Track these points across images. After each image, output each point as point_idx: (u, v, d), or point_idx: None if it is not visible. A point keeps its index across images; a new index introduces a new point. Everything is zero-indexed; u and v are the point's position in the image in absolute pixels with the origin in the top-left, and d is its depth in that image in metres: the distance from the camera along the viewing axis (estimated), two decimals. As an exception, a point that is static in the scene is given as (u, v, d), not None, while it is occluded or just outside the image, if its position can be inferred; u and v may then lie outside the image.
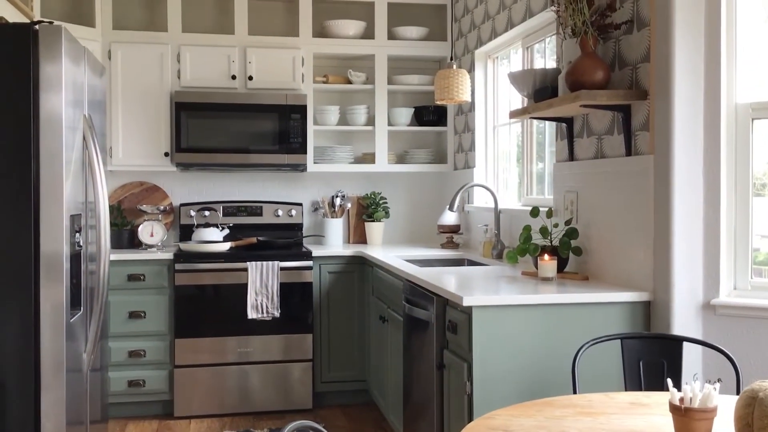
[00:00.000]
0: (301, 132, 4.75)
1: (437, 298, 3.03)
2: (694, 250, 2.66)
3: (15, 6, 3.61)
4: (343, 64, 5.22)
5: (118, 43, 4.69)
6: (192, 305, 4.42)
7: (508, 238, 4.12)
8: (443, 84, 4.07)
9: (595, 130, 3.17)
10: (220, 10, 5.04)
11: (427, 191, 5.41)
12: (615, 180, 2.99)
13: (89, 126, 2.96)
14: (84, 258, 2.97)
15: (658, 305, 2.73)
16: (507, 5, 4.12)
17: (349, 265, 4.68)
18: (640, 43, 2.83)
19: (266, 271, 4.44)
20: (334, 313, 4.66)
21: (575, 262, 3.31)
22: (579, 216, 3.28)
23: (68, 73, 2.70)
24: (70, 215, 2.72)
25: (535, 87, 3.31)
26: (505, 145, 4.55)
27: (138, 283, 4.41)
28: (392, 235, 5.35)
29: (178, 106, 4.64)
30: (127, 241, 4.75)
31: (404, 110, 5.10)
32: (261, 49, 4.82)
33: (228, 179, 5.14)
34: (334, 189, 5.26)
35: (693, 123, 2.65)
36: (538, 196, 4.06)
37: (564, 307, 2.74)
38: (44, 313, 2.65)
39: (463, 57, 4.91)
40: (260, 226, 5.05)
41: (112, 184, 4.95)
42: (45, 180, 2.64)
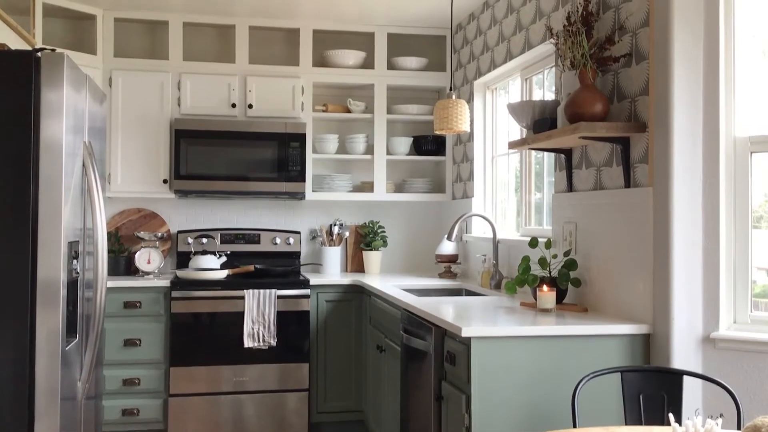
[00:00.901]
0: (300, 160, 4.76)
1: (435, 328, 3.01)
2: (693, 283, 2.65)
3: (17, 33, 3.63)
4: (343, 93, 5.25)
5: (119, 70, 4.72)
6: (188, 333, 4.39)
7: (506, 268, 4.11)
8: (442, 114, 4.09)
9: (594, 161, 3.18)
10: (221, 38, 5.08)
11: (426, 220, 5.41)
12: (614, 212, 2.99)
13: (89, 152, 2.96)
14: (81, 285, 2.96)
15: (657, 338, 2.71)
16: (506, 37, 4.16)
17: (346, 294, 4.66)
18: (638, 76, 2.85)
19: (263, 299, 4.42)
20: (331, 343, 4.63)
21: (574, 293, 3.30)
22: (578, 247, 3.28)
23: (69, 100, 2.70)
24: (68, 242, 2.71)
25: (534, 118, 3.33)
26: (504, 176, 4.56)
27: (134, 310, 4.38)
28: (390, 264, 5.34)
29: (178, 134, 4.65)
30: (124, 267, 4.73)
31: (403, 139, 5.12)
32: (261, 77, 4.85)
33: (226, 207, 5.13)
34: (332, 217, 5.26)
35: (692, 156, 2.66)
36: (536, 226, 4.06)
37: (563, 339, 2.72)
38: (40, 340, 2.63)
39: (462, 87, 4.95)
40: (258, 253, 5.04)
41: (111, 210, 4.94)
42: (44, 206, 2.63)
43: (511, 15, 4.10)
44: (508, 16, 4.14)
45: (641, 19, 2.83)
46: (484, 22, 4.53)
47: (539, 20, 3.73)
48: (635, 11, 2.87)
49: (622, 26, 2.96)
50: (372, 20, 4.95)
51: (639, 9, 2.85)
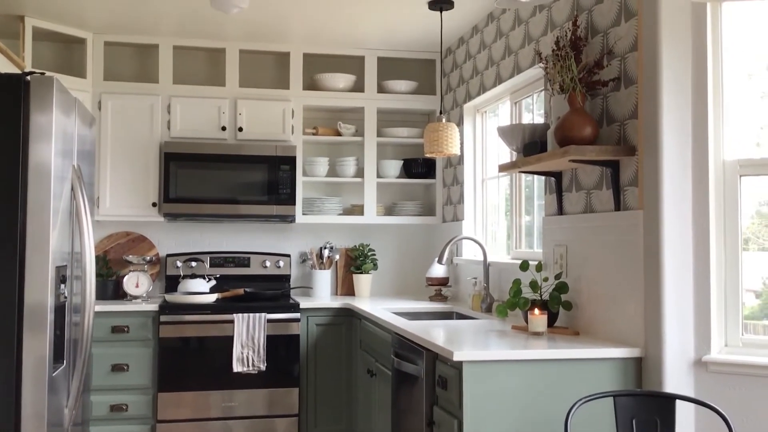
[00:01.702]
0: (290, 183, 4.76)
1: (427, 352, 3.00)
2: (684, 306, 2.65)
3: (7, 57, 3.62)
4: (333, 116, 5.26)
5: (109, 93, 4.71)
6: (176, 358, 4.35)
7: (497, 291, 4.10)
8: (432, 137, 4.10)
9: (584, 184, 3.19)
10: (212, 62, 5.08)
11: (416, 243, 5.40)
12: (604, 234, 3.00)
13: (78, 176, 2.94)
14: (68, 309, 2.93)
15: (649, 361, 2.71)
16: (495, 61, 4.18)
17: (337, 318, 4.64)
18: (627, 100, 2.87)
19: (253, 323, 4.39)
20: (321, 367, 4.60)
21: (565, 316, 3.29)
22: (569, 270, 3.27)
23: (58, 123, 2.70)
24: (55, 266, 2.68)
25: (524, 141, 3.34)
26: (494, 198, 4.57)
27: (122, 335, 4.34)
28: (380, 287, 5.32)
29: (168, 157, 4.64)
30: (112, 291, 4.69)
31: (393, 162, 5.13)
32: (251, 100, 4.85)
33: (216, 230, 5.11)
34: (322, 240, 5.25)
35: (681, 179, 2.67)
36: (527, 249, 4.06)
37: (555, 363, 2.71)
38: (26, 366, 2.60)
39: (451, 110, 4.96)
40: (248, 277, 5.01)
41: (99, 233, 4.91)
42: (31, 230, 2.61)
43: (500, 39, 4.13)
44: (497, 41, 4.17)
45: (630, 43, 2.86)
46: (473, 46, 4.56)
47: (528, 45, 3.76)
48: (623, 36, 2.90)
49: (611, 51, 2.98)
50: (362, 44, 4.97)
51: (627, 33, 2.87)
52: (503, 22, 4.09)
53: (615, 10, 2.96)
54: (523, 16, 3.83)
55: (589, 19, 3.17)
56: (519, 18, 3.89)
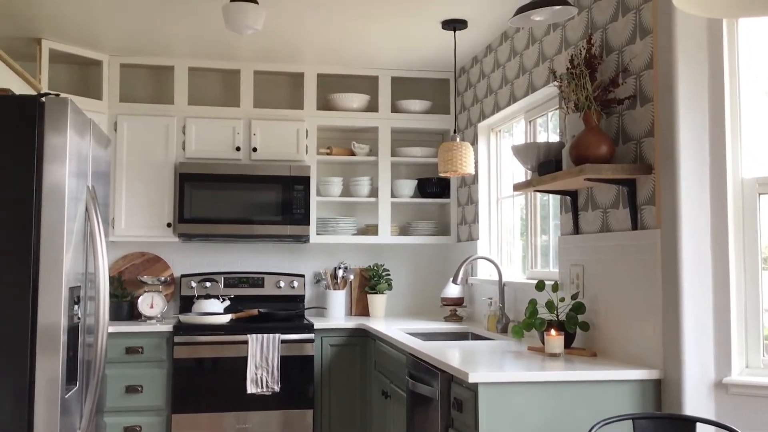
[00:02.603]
0: (304, 203, 4.75)
1: (441, 373, 2.96)
2: (704, 327, 2.60)
3: (23, 79, 3.65)
4: (347, 136, 5.26)
5: (125, 115, 4.74)
6: (190, 379, 4.33)
7: (512, 311, 4.06)
8: (446, 156, 4.08)
9: (600, 203, 3.16)
10: (226, 83, 5.11)
11: (431, 263, 5.37)
12: (621, 254, 2.96)
13: (92, 197, 2.95)
14: (82, 330, 2.92)
15: (669, 383, 2.66)
16: (509, 80, 4.17)
17: (351, 338, 4.61)
18: (643, 118, 2.84)
19: (267, 343, 4.37)
20: (335, 388, 4.56)
21: (582, 337, 3.24)
22: (585, 290, 3.23)
23: (73, 144, 2.70)
24: (69, 287, 2.68)
25: (539, 160, 3.32)
26: (509, 218, 4.54)
27: (136, 356, 4.33)
28: (395, 308, 5.29)
29: (182, 177, 4.65)
30: (127, 312, 4.69)
31: (407, 182, 5.11)
32: (266, 121, 4.87)
33: (230, 250, 5.11)
34: (336, 260, 5.23)
35: (699, 198, 2.63)
36: (542, 269, 4.02)
37: (573, 385, 2.66)
38: (39, 387, 2.59)
39: (466, 130, 4.95)
40: (262, 297, 5.00)
41: (114, 254, 4.92)
42: (45, 251, 2.61)
43: (514, 58, 4.12)
44: (511, 60, 4.16)
45: (645, 61, 2.83)
46: (487, 66, 4.55)
47: (542, 63, 3.74)
48: (639, 53, 2.88)
49: (626, 69, 2.96)
50: (376, 64, 4.98)
51: (642, 51, 2.85)
52: (517, 40, 4.08)
53: (630, 28, 2.95)
54: (537, 34, 3.82)
55: (603, 37, 3.16)
56: (533, 37, 3.88)
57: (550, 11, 3.00)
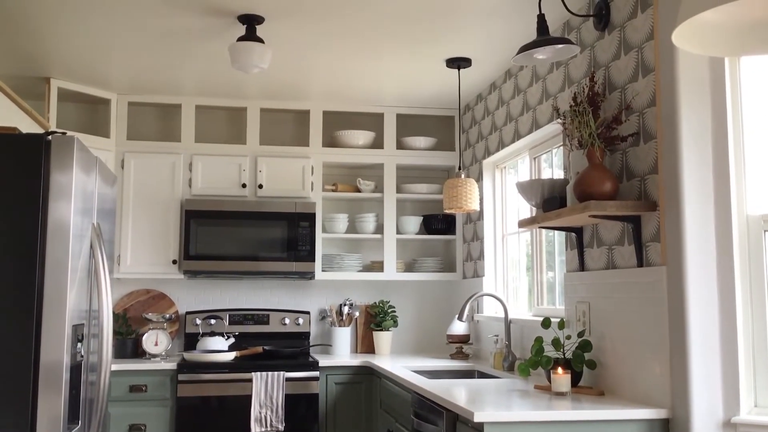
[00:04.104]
0: (309, 240, 4.75)
1: (447, 412, 2.93)
2: (711, 365, 2.57)
3: (31, 117, 3.69)
4: (352, 172, 5.28)
5: (132, 152, 4.78)
6: (194, 418, 4.29)
7: (519, 349, 4.02)
8: (451, 193, 4.09)
9: (605, 240, 3.15)
10: (233, 120, 5.15)
11: (436, 300, 5.35)
12: (627, 291, 2.94)
13: (97, 234, 2.96)
14: (85, 368, 2.90)
15: (677, 423, 2.62)
16: (513, 117, 4.19)
17: (356, 376, 4.57)
18: (647, 155, 2.84)
19: (271, 382, 4.34)
20: (340, 427, 4.51)
21: (589, 375, 3.21)
22: (592, 328, 3.21)
23: (78, 182, 2.72)
24: (72, 324, 2.67)
25: (543, 197, 3.32)
26: (515, 254, 4.52)
27: (140, 394, 4.30)
28: (401, 345, 5.25)
29: (188, 214, 4.67)
30: (131, 350, 4.67)
31: (413, 218, 5.11)
32: (272, 158, 4.90)
33: (235, 287, 5.10)
34: (342, 297, 5.21)
35: (704, 235, 2.62)
36: (549, 306, 3.99)
37: (580, 425, 2.63)
38: (41, 426, 2.56)
39: (471, 166, 4.97)
40: (267, 334, 4.98)
41: (119, 291, 4.92)
42: (49, 288, 2.61)
43: (517, 96, 4.14)
44: (515, 97, 4.19)
45: (648, 98, 2.85)
46: (491, 103, 4.58)
47: (546, 101, 3.76)
48: (641, 91, 2.89)
49: (629, 106, 2.97)
50: (381, 101, 5.02)
51: (645, 89, 2.87)
52: (521, 78, 4.11)
53: (632, 65, 2.96)
54: (541, 72, 3.85)
55: (606, 75, 3.17)
56: (536, 74, 3.90)
57: (553, 50, 3.02)
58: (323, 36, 3.77)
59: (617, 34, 3.09)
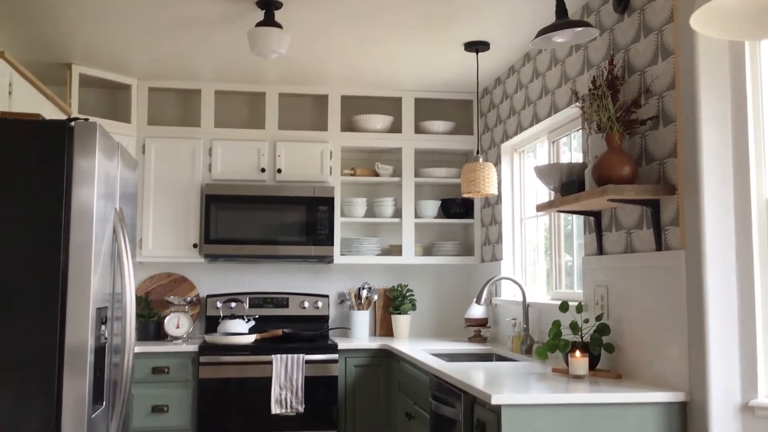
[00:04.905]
0: (328, 224, 4.78)
1: (465, 395, 2.95)
2: (729, 348, 2.57)
3: (54, 103, 3.74)
4: (371, 157, 5.30)
5: (153, 137, 4.82)
6: (215, 399, 4.36)
7: (537, 332, 4.04)
8: (469, 177, 4.10)
9: (624, 224, 3.14)
10: (252, 105, 5.18)
11: (455, 284, 5.36)
12: (646, 275, 2.94)
13: (120, 219, 3.00)
14: (108, 350, 2.96)
15: (694, 406, 2.63)
16: (532, 101, 4.18)
17: (375, 359, 4.61)
18: (666, 139, 2.83)
19: (291, 364, 4.39)
20: (359, 409, 4.56)
21: (607, 359, 3.22)
22: (610, 311, 3.21)
23: (101, 167, 2.76)
24: (96, 307, 2.72)
25: (561, 181, 3.31)
26: (533, 238, 4.53)
27: (162, 375, 4.37)
28: (419, 328, 5.28)
29: (208, 199, 4.71)
30: (153, 332, 4.74)
31: (431, 202, 5.13)
32: (290, 142, 4.92)
33: (255, 270, 5.15)
34: (360, 281, 5.24)
35: (723, 218, 2.61)
36: (567, 289, 4.00)
37: (597, 408, 2.64)
38: (66, 407, 2.62)
39: (489, 150, 4.96)
40: (286, 317, 5.02)
41: (141, 275, 4.99)
42: (73, 272, 2.65)
43: (536, 79, 4.13)
44: (533, 80, 4.17)
45: (667, 81, 2.83)
46: (510, 87, 4.57)
47: (565, 84, 3.75)
48: (661, 74, 2.88)
49: (648, 89, 2.96)
50: (399, 86, 5.02)
51: (665, 72, 2.85)
52: (539, 62, 4.10)
53: (652, 49, 2.95)
54: (560, 55, 3.83)
55: (625, 58, 3.16)
56: (555, 58, 3.89)
57: (572, 33, 3.01)
58: (341, 20, 3.77)
59: (637, 16, 3.07)
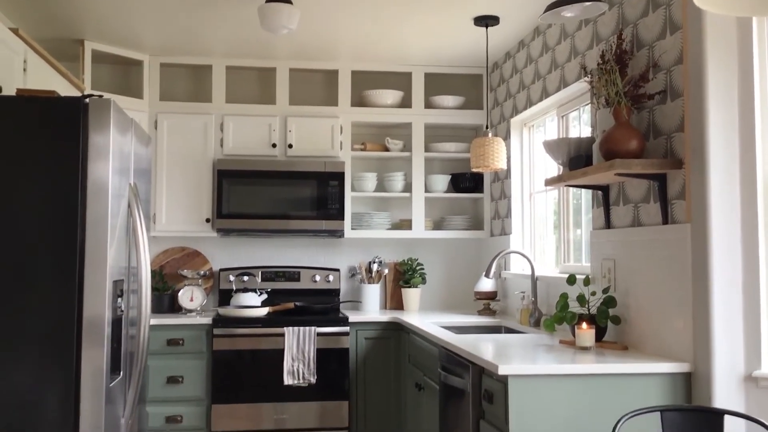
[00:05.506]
0: (338, 198, 4.83)
1: (473, 366, 3.01)
2: (734, 320, 2.61)
3: (68, 80, 3.78)
4: (381, 132, 5.32)
5: (165, 113, 4.87)
6: (229, 370, 4.44)
7: (545, 305, 4.09)
8: (478, 152, 4.12)
9: (632, 198, 3.17)
10: (263, 81, 5.21)
11: (464, 258, 5.41)
12: (652, 248, 2.98)
13: (134, 193, 3.06)
14: (125, 322, 3.03)
15: (698, 377, 2.67)
16: (542, 75, 4.19)
17: (385, 331, 4.68)
18: (674, 113, 2.85)
19: (303, 336, 4.46)
20: (370, 380, 4.64)
21: (614, 331, 3.27)
22: (617, 284, 3.25)
23: (115, 143, 2.81)
24: (113, 280, 2.79)
25: (569, 155, 3.34)
26: (542, 212, 4.56)
27: (177, 347, 4.46)
28: (429, 301, 5.34)
29: (220, 174, 4.76)
30: (168, 305, 4.82)
31: (441, 177, 5.16)
32: (301, 118, 4.95)
33: (267, 245, 5.21)
34: (371, 255, 5.30)
35: (729, 192, 2.64)
36: (575, 263, 4.04)
37: (602, 378, 2.70)
38: (85, 376, 2.70)
39: (499, 125, 4.98)
40: (298, 291, 5.09)
41: (155, 249, 5.06)
42: (90, 245, 2.71)
43: (546, 53, 4.14)
44: (543, 55, 4.18)
45: (675, 56, 2.85)
46: (519, 61, 4.57)
47: (574, 58, 3.76)
48: (669, 49, 2.89)
49: (656, 64, 2.97)
50: (409, 60, 5.03)
51: (673, 47, 2.86)
52: (549, 36, 4.10)
53: (660, 23, 2.96)
54: (569, 29, 3.84)
55: (634, 33, 3.17)
56: (565, 32, 3.89)
57: (581, 7, 3.02)
58: (351, -4, 3.78)
59: (646, -9, 3.07)
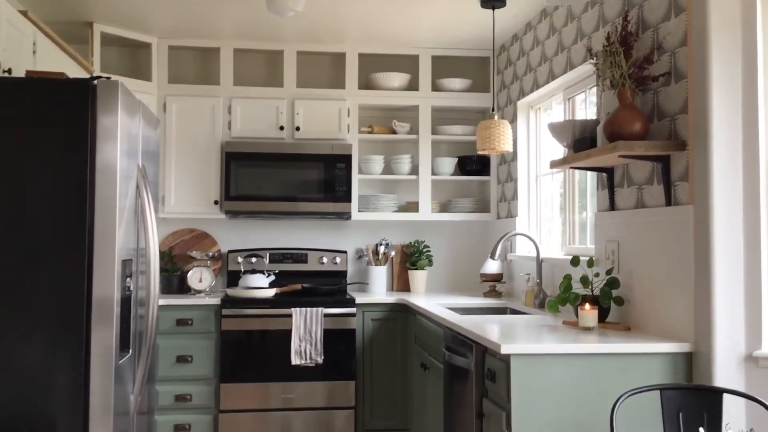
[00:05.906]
0: (346, 181, 4.86)
1: (476, 345, 3.05)
2: (735, 301, 2.64)
3: (77, 62, 3.81)
4: (388, 114, 5.34)
5: (173, 95, 4.90)
6: (238, 350, 4.50)
7: (550, 287, 4.11)
8: (485, 134, 4.14)
9: (636, 179, 3.19)
10: (270, 63, 5.23)
11: (471, 240, 5.44)
12: (656, 230, 2.99)
13: (142, 175, 3.09)
14: (134, 302, 3.08)
15: (699, 356, 2.70)
16: (548, 57, 4.19)
17: (392, 313, 4.72)
18: (678, 95, 2.86)
19: (310, 317, 4.51)
20: (376, 361, 4.69)
21: (617, 311, 3.29)
22: (620, 266, 3.28)
23: (123, 125, 2.84)
24: (121, 260, 2.83)
25: (574, 137, 3.36)
26: (548, 194, 4.58)
27: (186, 327, 4.51)
28: (435, 283, 5.38)
29: (228, 156, 4.80)
30: (177, 286, 4.87)
31: (448, 160, 5.18)
32: (308, 100, 4.98)
33: (274, 227, 5.25)
34: (378, 237, 5.33)
35: (732, 174, 2.65)
36: (580, 245, 4.06)
37: (604, 357, 2.73)
38: (94, 354, 2.75)
39: (505, 108, 4.99)
40: (305, 273, 5.14)
41: (164, 230, 5.11)
42: (99, 226, 2.76)
43: (552, 36, 4.14)
44: (550, 37, 4.18)
45: (679, 38, 2.85)
46: (526, 43, 4.57)
47: (580, 41, 3.76)
48: (673, 31, 2.89)
49: (661, 46, 2.98)
50: (416, 43, 5.04)
51: (677, 29, 2.87)
52: (556, 18, 4.10)
53: (665, 5, 2.96)
54: (576, 12, 3.84)
55: (639, 14, 3.17)
56: (571, 14, 3.89)
57: (585, -11, 3.02)
58: (357, -22, 3.79)
59: (651, -28, 3.07)
